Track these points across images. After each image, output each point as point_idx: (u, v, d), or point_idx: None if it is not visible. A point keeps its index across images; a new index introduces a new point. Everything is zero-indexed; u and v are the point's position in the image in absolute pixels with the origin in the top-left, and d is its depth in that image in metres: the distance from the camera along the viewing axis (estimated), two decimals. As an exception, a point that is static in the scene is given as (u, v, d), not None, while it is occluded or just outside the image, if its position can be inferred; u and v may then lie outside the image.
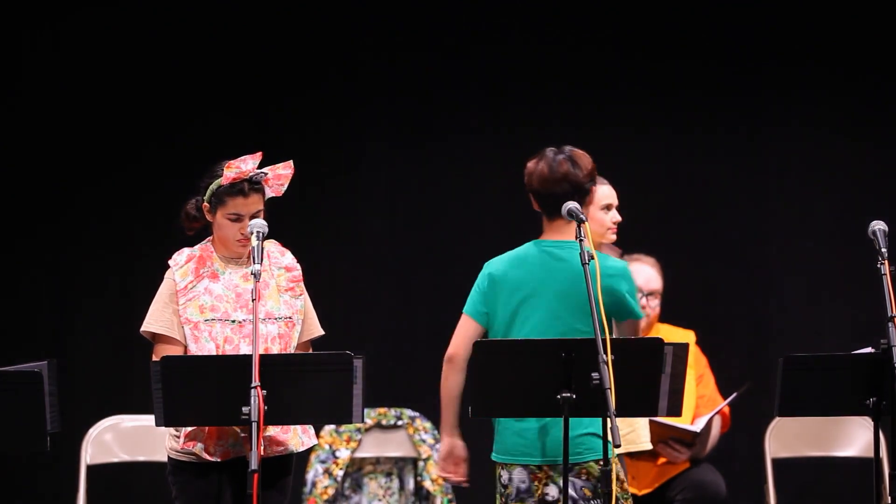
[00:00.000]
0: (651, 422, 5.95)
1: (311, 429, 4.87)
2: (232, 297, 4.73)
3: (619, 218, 5.37)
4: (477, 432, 4.92)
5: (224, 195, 4.71)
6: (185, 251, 4.81)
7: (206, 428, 4.65)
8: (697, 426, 6.21)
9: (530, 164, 4.74)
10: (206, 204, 4.76)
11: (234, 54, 7.61)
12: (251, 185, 4.72)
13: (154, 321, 4.72)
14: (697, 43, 7.59)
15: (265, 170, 4.75)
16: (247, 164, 4.72)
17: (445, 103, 7.65)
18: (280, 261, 4.84)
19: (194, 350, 4.67)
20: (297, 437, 4.80)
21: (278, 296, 4.78)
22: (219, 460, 4.68)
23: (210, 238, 4.83)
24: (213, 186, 4.74)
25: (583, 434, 4.58)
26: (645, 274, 6.22)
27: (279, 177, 4.78)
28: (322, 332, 4.91)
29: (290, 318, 4.78)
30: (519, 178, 4.83)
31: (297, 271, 4.85)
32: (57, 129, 7.53)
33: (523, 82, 7.64)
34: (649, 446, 5.74)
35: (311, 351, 4.88)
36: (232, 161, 4.72)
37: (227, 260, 4.80)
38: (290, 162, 4.80)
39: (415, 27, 7.65)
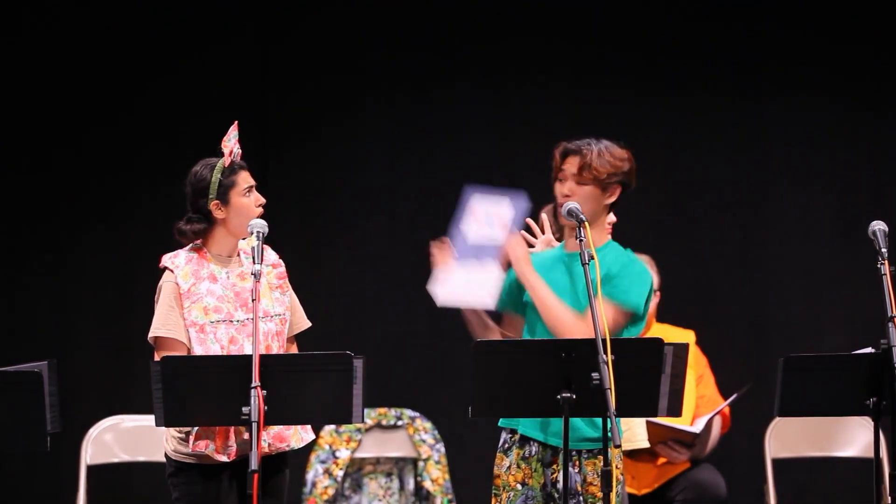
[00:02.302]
0: (651, 423, 5.95)
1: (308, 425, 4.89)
2: (232, 296, 4.74)
3: (614, 219, 5.36)
4: (478, 432, 4.91)
5: (231, 175, 4.76)
6: (182, 253, 4.81)
7: (216, 428, 4.65)
8: (697, 427, 6.21)
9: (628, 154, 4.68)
10: (215, 201, 4.75)
11: (234, 54, 7.62)
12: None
13: (161, 326, 4.71)
14: (697, 44, 7.59)
15: (235, 147, 4.82)
16: (231, 139, 4.79)
17: (445, 103, 7.65)
18: (266, 257, 4.85)
19: (200, 353, 4.67)
20: (297, 433, 4.83)
21: (270, 293, 4.80)
22: (227, 460, 4.68)
23: (200, 240, 4.82)
24: (216, 176, 4.75)
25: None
26: None
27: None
28: (309, 324, 4.94)
29: (282, 314, 4.81)
30: (518, 177, 4.82)
31: (282, 267, 4.88)
32: (57, 128, 7.53)
33: (523, 82, 7.64)
34: (646, 444, 5.74)
35: (295, 346, 4.90)
36: (223, 140, 4.78)
37: (222, 260, 4.80)
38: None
39: (414, 26, 7.65)
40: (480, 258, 4.52)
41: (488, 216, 4.56)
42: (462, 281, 4.51)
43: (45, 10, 7.53)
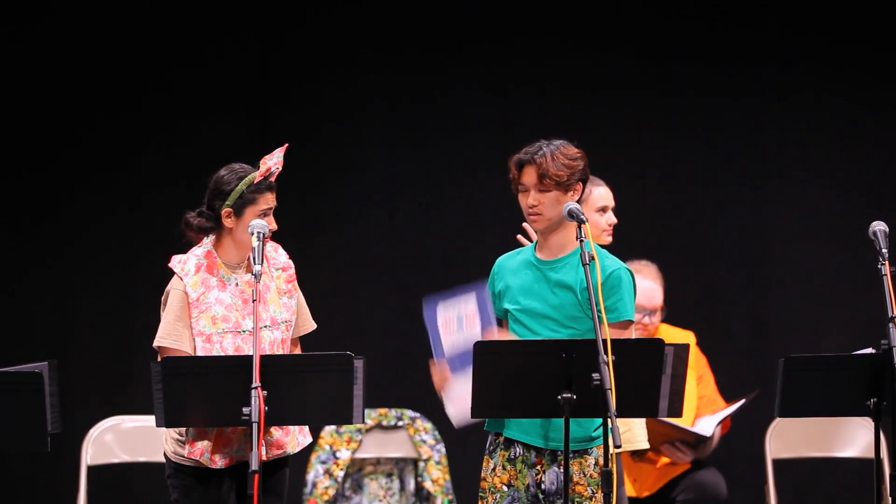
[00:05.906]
0: (660, 423, 5.94)
1: (306, 428, 4.88)
2: (240, 304, 4.71)
3: (614, 220, 5.36)
4: (478, 432, 4.91)
5: (255, 192, 4.71)
6: (192, 258, 4.76)
7: (212, 435, 4.64)
8: (707, 430, 6.18)
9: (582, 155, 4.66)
10: (227, 209, 4.71)
11: (235, 54, 7.61)
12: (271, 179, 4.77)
13: (167, 336, 4.69)
14: (697, 44, 7.59)
15: (275, 167, 4.78)
16: (274, 159, 4.74)
17: (445, 103, 7.65)
18: (277, 260, 4.83)
19: None
20: (294, 439, 4.81)
21: (279, 299, 4.77)
22: (222, 467, 4.67)
23: (211, 242, 4.80)
24: (240, 188, 4.70)
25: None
26: (647, 291, 6.12)
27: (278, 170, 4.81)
28: (314, 326, 4.91)
29: (289, 321, 4.79)
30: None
31: (292, 269, 4.85)
32: (58, 128, 7.53)
33: (523, 82, 7.64)
34: (646, 445, 5.74)
35: (298, 348, 4.88)
36: (265, 157, 4.73)
37: (232, 266, 4.78)
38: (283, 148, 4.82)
39: (415, 26, 7.65)
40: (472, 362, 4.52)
41: (459, 320, 4.59)
42: (468, 392, 4.51)
43: (47, 11, 7.53)
